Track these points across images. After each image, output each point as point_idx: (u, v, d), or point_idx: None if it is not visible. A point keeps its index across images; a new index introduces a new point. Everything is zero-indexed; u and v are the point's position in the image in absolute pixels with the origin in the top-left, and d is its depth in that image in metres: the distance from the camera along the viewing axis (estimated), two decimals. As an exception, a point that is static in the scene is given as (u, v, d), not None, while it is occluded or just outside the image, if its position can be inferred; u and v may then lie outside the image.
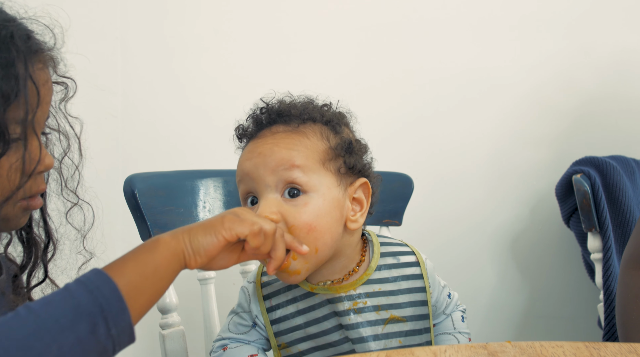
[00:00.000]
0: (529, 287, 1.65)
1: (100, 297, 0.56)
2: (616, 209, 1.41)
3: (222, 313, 1.12)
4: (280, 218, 0.78)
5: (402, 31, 1.61)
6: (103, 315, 0.55)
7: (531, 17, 1.62)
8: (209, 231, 0.68)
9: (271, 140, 0.83)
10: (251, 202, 0.83)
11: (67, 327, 0.53)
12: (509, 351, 0.70)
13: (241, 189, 0.85)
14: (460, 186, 1.62)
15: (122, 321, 0.57)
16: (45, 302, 0.54)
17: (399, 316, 0.86)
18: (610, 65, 1.63)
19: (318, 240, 0.79)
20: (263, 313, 0.87)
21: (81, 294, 0.55)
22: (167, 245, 0.65)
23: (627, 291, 0.98)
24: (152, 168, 1.13)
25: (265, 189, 0.80)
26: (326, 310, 0.85)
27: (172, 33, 1.57)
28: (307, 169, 0.80)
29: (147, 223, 1.02)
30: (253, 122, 0.90)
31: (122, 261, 0.62)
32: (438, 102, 1.62)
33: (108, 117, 1.54)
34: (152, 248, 0.64)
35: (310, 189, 0.80)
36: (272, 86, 1.58)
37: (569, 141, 1.62)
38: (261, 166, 0.81)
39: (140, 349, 1.56)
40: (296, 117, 0.85)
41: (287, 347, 0.86)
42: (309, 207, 0.79)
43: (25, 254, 0.83)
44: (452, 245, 1.62)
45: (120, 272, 0.59)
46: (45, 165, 0.72)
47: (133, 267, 0.61)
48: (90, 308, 0.55)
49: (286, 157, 0.80)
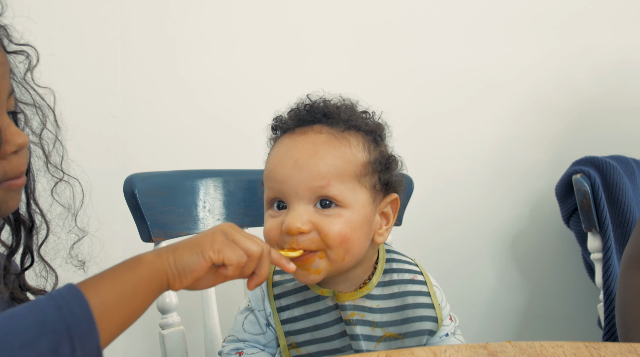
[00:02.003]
0: (529, 287, 1.65)
1: (69, 314, 0.52)
2: (616, 209, 1.41)
3: (222, 313, 1.12)
4: (312, 228, 0.77)
5: (401, 31, 1.61)
6: (69, 334, 0.51)
7: (531, 17, 1.62)
8: (195, 250, 0.64)
9: (311, 146, 0.80)
10: (277, 207, 0.81)
11: (28, 344, 0.49)
12: (509, 351, 0.70)
13: (268, 193, 0.82)
14: (460, 185, 1.62)
15: (89, 342, 0.52)
16: (11, 314, 0.51)
17: (395, 333, 0.84)
18: (610, 64, 1.63)
19: (348, 251, 0.79)
20: (274, 312, 0.86)
21: (49, 310, 0.52)
22: (149, 264, 0.61)
23: (627, 291, 0.98)
24: (152, 168, 1.13)
25: (297, 199, 0.78)
26: (333, 315, 0.84)
27: (172, 33, 1.57)
28: (344, 186, 0.79)
29: (147, 223, 1.02)
30: (294, 117, 0.86)
31: (100, 277, 0.58)
32: (438, 102, 1.62)
33: (108, 117, 1.54)
34: (133, 267, 0.60)
35: (344, 205, 0.79)
36: (273, 86, 1.58)
37: (568, 141, 1.62)
38: (295, 178, 0.78)
39: (140, 349, 1.56)
40: (343, 122, 0.83)
41: (297, 348, 0.85)
42: (343, 219, 0.78)
43: (14, 236, 0.79)
44: (452, 245, 1.62)
45: (95, 289, 0.56)
46: (17, 144, 0.67)
47: (110, 285, 0.57)
48: (56, 325, 0.51)
49: (323, 172, 0.78)
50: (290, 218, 0.77)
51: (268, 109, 1.58)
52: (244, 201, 1.16)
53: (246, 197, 1.17)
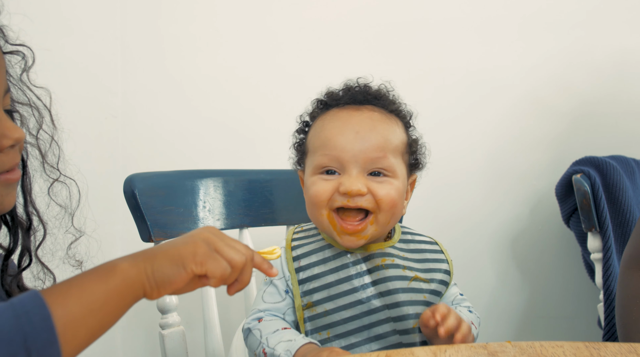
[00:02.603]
0: (529, 287, 1.65)
1: (27, 324, 0.49)
2: (616, 209, 1.40)
3: (222, 313, 1.12)
4: (368, 192, 0.87)
5: (401, 33, 1.61)
6: (25, 346, 0.48)
7: (530, 19, 1.62)
8: (176, 262, 0.60)
9: (369, 121, 0.91)
10: (326, 172, 0.90)
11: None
12: (509, 351, 0.70)
13: (321, 160, 0.90)
14: (461, 186, 1.62)
15: (48, 354, 0.49)
16: None
17: (422, 277, 0.93)
18: (611, 65, 1.63)
19: (394, 215, 0.91)
20: (292, 273, 0.91)
21: (6, 318, 0.49)
22: (123, 274, 0.57)
23: (627, 292, 0.98)
24: (152, 168, 1.13)
25: (353, 166, 0.88)
26: (359, 268, 0.91)
27: (172, 33, 1.57)
28: (394, 159, 0.91)
29: (147, 223, 1.02)
30: (346, 94, 0.96)
31: (68, 285, 0.54)
32: (438, 103, 1.62)
33: (108, 117, 1.54)
34: (105, 276, 0.56)
35: (392, 175, 0.90)
36: (273, 87, 1.58)
37: (568, 141, 1.62)
38: (357, 147, 0.88)
39: (140, 349, 1.56)
40: (389, 105, 0.95)
41: (312, 307, 0.89)
42: (393, 187, 0.89)
43: (11, 236, 0.78)
44: (452, 245, 1.61)
45: (61, 299, 0.52)
46: (14, 138, 0.66)
47: (77, 295, 0.53)
48: (12, 336, 0.48)
49: (382, 144, 0.89)
50: (350, 181, 0.87)
51: (268, 110, 1.59)
52: (244, 201, 1.16)
53: (246, 197, 1.17)
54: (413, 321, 0.88)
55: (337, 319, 0.88)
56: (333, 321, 0.89)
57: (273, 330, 0.87)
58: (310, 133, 0.97)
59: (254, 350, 0.88)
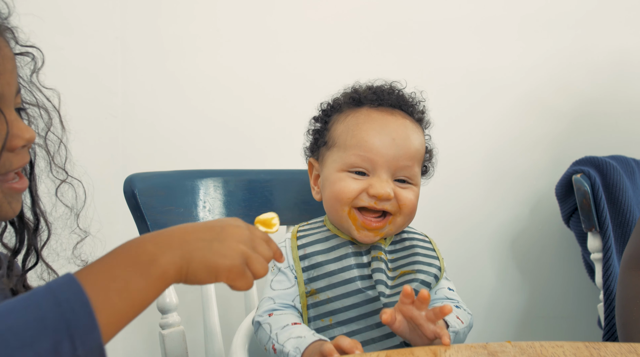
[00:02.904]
0: (529, 287, 1.65)
1: (69, 311, 0.50)
2: (616, 209, 1.41)
3: (222, 313, 1.12)
4: (393, 196, 0.92)
5: (401, 33, 1.61)
6: (69, 333, 0.50)
7: (530, 19, 1.62)
8: (211, 273, 0.61)
9: (403, 128, 0.95)
10: (356, 172, 0.94)
11: (27, 343, 0.48)
12: (509, 351, 0.70)
13: (354, 159, 0.93)
14: (460, 186, 1.62)
15: (91, 341, 0.51)
16: (7, 310, 0.50)
17: (409, 269, 0.96)
18: (611, 65, 1.63)
19: (410, 219, 0.96)
20: (295, 260, 0.94)
21: (48, 307, 0.50)
22: (163, 271, 0.58)
23: (627, 292, 0.98)
24: (152, 168, 1.13)
25: (384, 170, 0.92)
26: (360, 259, 0.95)
27: (172, 33, 1.57)
28: (418, 166, 0.97)
29: (147, 223, 1.02)
30: (379, 95, 0.98)
31: (109, 272, 0.56)
32: (438, 103, 1.61)
33: (108, 117, 1.54)
34: (146, 270, 0.57)
35: (414, 182, 0.96)
36: (274, 86, 1.58)
37: (569, 141, 1.62)
38: (392, 154, 0.92)
39: (140, 349, 1.56)
40: (417, 114, 1.00)
41: (315, 294, 0.92)
42: (414, 193, 0.95)
43: (17, 237, 0.79)
44: (452, 245, 1.62)
45: (102, 287, 0.54)
46: (26, 139, 0.67)
47: (120, 290, 0.55)
48: (56, 324, 0.49)
49: (412, 155, 0.94)
50: (382, 186, 0.91)
51: (268, 110, 1.59)
52: (244, 201, 1.16)
53: (246, 197, 1.17)
54: None
55: (339, 306, 0.91)
56: (335, 309, 0.91)
57: (283, 325, 0.88)
58: (339, 127, 0.98)
59: (264, 344, 0.89)
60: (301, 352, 0.81)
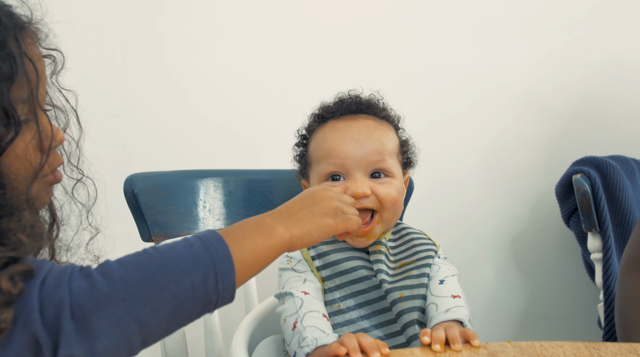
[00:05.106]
0: (529, 287, 1.65)
1: (214, 253, 0.62)
2: (616, 209, 1.41)
3: (222, 313, 1.12)
4: (372, 193, 0.95)
5: (400, 33, 1.61)
6: (214, 269, 0.61)
7: (529, 19, 1.62)
8: (323, 230, 0.76)
9: (365, 128, 0.99)
10: (332, 178, 0.98)
11: (186, 271, 0.60)
12: (509, 351, 0.70)
13: (326, 168, 0.97)
14: (460, 186, 1.63)
15: (228, 279, 0.62)
16: (169, 247, 0.62)
17: (408, 261, 0.99)
18: (610, 65, 1.63)
19: (396, 212, 0.98)
20: (304, 251, 0.98)
21: (199, 247, 0.62)
22: (280, 236, 0.71)
23: (627, 293, 0.98)
24: (152, 168, 1.13)
25: (356, 171, 0.96)
26: (363, 254, 0.98)
27: (172, 33, 1.57)
28: (392, 161, 0.99)
29: (147, 223, 1.02)
30: (341, 106, 1.03)
31: (241, 233, 0.67)
32: (438, 102, 1.62)
33: (108, 117, 1.54)
34: (268, 234, 0.70)
35: (391, 175, 0.98)
36: (273, 87, 1.58)
37: (568, 141, 1.62)
38: (358, 153, 0.96)
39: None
40: (380, 112, 1.04)
41: (324, 282, 0.96)
42: (393, 186, 0.97)
43: None
44: (452, 245, 1.62)
45: (238, 244, 0.65)
46: (59, 140, 0.73)
47: (250, 246, 0.67)
48: (205, 260, 0.61)
49: (380, 148, 0.97)
50: (356, 185, 0.94)
51: (268, 110, 1.59)
52: (244, 201, 1.16)
53: (246, 197, 1.17)
54: (398, 292, 0.93)
55: (348, 292, 0.94)
56: (343, 295, 0.94)
57: (314, 309, 0.89)
58: (312, 145, 1.03)
59: (286, 315, 0.89)
60: (316, 346, 0.81)
